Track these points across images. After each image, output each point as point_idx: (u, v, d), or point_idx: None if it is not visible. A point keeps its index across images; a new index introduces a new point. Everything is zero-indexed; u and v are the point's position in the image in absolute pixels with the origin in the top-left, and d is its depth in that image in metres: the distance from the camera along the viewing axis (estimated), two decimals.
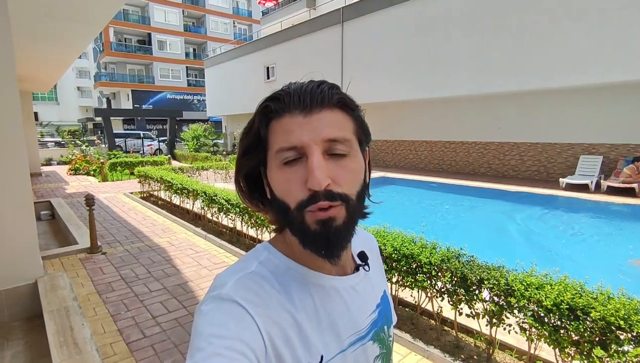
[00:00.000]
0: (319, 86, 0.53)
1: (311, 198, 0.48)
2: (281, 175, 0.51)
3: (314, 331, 0.52)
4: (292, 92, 0.52)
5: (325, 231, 0.49)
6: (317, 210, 0.49)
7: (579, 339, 1.93)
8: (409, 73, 12.05)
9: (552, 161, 10.27)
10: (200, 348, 0.43)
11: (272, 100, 0.53)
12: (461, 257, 2.59)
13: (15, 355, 2.80)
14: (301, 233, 0.51)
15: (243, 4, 39.46)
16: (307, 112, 0.51)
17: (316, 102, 0.51)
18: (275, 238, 0.61)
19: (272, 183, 0.53)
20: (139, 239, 5.41)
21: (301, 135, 0.49)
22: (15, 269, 3.32)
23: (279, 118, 0.52)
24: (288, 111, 0.51)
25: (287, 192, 0.51)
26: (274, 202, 0.53)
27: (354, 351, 0.56)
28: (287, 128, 0.50)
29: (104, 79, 32.60)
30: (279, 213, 0.54)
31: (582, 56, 8.43)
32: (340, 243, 0.51)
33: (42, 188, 9.98)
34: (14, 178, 3.26)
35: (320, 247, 0.50)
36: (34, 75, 9.26)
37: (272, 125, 0.53)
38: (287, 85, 0.54)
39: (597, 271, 4.77)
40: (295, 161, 0.50)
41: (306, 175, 0.48)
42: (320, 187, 0.47)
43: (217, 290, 0.50)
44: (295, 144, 0.49)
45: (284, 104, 0.52)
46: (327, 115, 0.51)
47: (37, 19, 4.79)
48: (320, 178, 0.47)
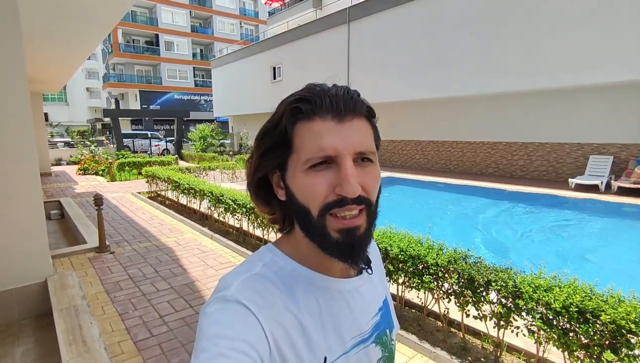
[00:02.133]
0: (349, 92, 0.52)
1: (338, 202, 0.49)
2: (307, 180, 0.50)
3: (318, 333, 0.52)
4: (323, 95, 0.51)
5: (350, 239, 0.51)
6: (342, 217, 0.50)
7: (589, 342, 1.90)
8: (415, 72, 11.99)
9: (561, 161, 10.14)
10: (205, 349, 0.43)
11: (302, 101, 0.51)
12: (468, 258, 2.57)
13: (26, 352, 2.84)
14: (322, 239, 0.52)
15: (250, 5, 39.61)
16: (340, 118, 0.50)
17: (349, 109, 0.51)
18: (279, 240, 0.61)
19: (293, 187, 0.52)
20: (146, 239, 5.46)
21: (334, 142, 0.49)
22: (25, 268, 3.37)
23: (308, 121, 0.51)
24: (319, 115, 0.50)
25: (311, 197, 0.50)
26: (294, 205, 0.53)
27: (356, 353, 0.56)
28: (318, 132, 0.50)
29: (113, 80, 32.97)
30: (298, 216, 0.54)
31: (592, 55, 8.31)
32: (364, 249, 0.53)
33: (51, 188, 10.12)
34: (25, 178, 3.31)
35: (346, 255, 0.51)
36: (44, 76, 9.40)
37: (299, 126, 0.51)
38: (310, 86, 0.53)
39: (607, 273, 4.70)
40: (322, 166, 0.50)
41: (335, 181, 0.49)
42: (355, 194, 0.48)
43: (222, 292, 0.50)
44: (328, 153, 0.49)
45: (315, 107, 0.51)
46: (357, 123, 0.52)
47: (47, 20, 4.86)
48: (355, 185, 0.48)
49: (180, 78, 34.84)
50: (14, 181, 3.24)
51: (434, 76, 11.48)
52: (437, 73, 11.38)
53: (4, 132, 3.15)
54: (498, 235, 6.48)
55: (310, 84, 0.54)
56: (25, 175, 3.31)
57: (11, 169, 3.22)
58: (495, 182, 10.15)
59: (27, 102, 3.28)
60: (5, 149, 3.17)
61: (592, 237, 6.30)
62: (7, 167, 3.19)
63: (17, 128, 3.21)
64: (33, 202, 3.39)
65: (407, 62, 12.24)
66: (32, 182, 3.37)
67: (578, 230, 6.61)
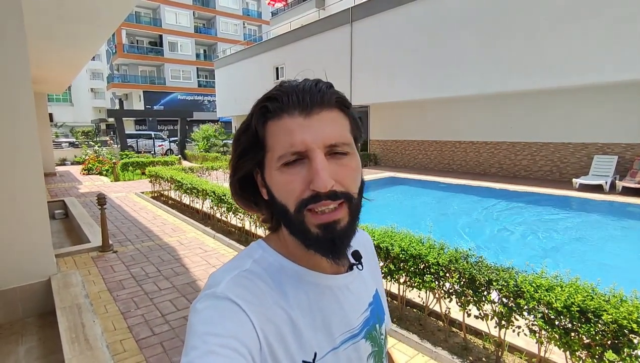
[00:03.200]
0: (317, 85, 0.52)
1: (312, 198, 0.49)
2: (281, 177, 0.50)
3: (308, 329, 0.52)
4: (290, 92, 0.51)
5: (330, 234, 0.50)
6: (320, 212, 0.49)
7: (590, 342, 1.89)
8: (418, 72, 11.97)
9: (565, 161, 10.09)
10: (195, 346, 0.43)
11: (269, 100, 0.52)
12: (469, 258, 2.56)
13: (29, 350, 2.86)
14: (302, 236, 0.51)
15: (253, 5, 39.70)
16: (307, 112, 0.50)
17: (316, 102, 0.50)
18: (269, 236, 0.61)
19: (271, 185, 0.53)
20: (149, 238, 5.48)
21: (303, 137, 0.49)
22: (29, 266, 3.40)
23: (277, 119, 0.51)
24: (287, 111, 0.50)
25: (287, 194, 0.50)
26: (274, 203, 0.53)
27: (346, 349, 0.56)
28: (288, 129, 0.50)
29: (117, 81, 33.17)
30: (278, 214, 0.54)
31: (596, 54, 8.25)
32: (346, 244, 0.52)
33: (56, 187, 10.19)
34: (29, 178, 3.33)
35: (327, 250, 0.51)
36: (48, 76, 9.47)
37: (269, 125, 0.52)
38: (280, 84, 0.53)
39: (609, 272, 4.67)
40: (295, 162, 0.50)
41: (308, 177, 0.48)
42: (326, 188, 0.47)
43: (211, 289, 0.50)
44: (298, 148, 0.49)
45: (282, 104, 0.50)
46: (327, 115, 0.51)
47: (51, 20, 4.90)
48: (326, 180, 0.47)
49: (183, 78, 34.99)
50: (19, 181, 3.27)
51: (437, 76, 11.45)
52: (440, 73, 11.35)
53: (8, 133, 3.17)
54: (500, 234, 6.45)
55: (282, 81, 0.54)
56: (30, 175, 3.34)
57: (16, 168, 3.24)
58: (498, 182, 10.11)
59: (31, 102, 3.31)
60: (10, 149, 3.19)
61: (596, 237, 6.26)
62: (11, 167, 3.22)
63: (21, 128, 3.24)
64: (37, 201, 3.42)
65: (409, 62, 12.22)
66: (36, 181, 3.40)
67: (581, 230, 6.57)
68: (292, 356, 0.49)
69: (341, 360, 0.55)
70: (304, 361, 0.51)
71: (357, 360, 0.58)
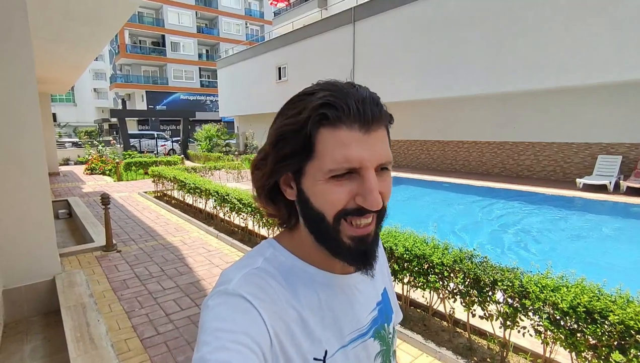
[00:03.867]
0: (373, 98, 0.50)
1: (357, 210, 0.50)
2: (326, 188, 0.49)
3: (318, 327, 0.53)
4: (349, 101, 0.48)
5: (362, 247, 0.51)
6: (357, 225, 0.50)
7: (597, 343, 1.88)
8: (421, 72, 11.94)
9: (568, 161, 10.04)
10: (207, 342, 0.43)
11: (327, 107, 0.48)
12: (474, 258, 2.55)
13: (34, 349, 2.87)
14: (333, 245, 0.52)
15: (255, 5, 39.73)
16: (367, 128, 0.49)
17: (375, 118, 0.49)
18: (281, 235, 0.61)
19: (310, 192, 0.51)
20: (152, 238, 5.50)
21: (360, 154, 0.48)
22: (34, 266, 3.41)
23: (333, 128, 0.48)
24: (345, 123, 0.48)
25: (329, 205, 0.50)
26: (307, 209, 0.52)
27: (354, 347, 0.57)
28: (344, 143, 0.48)
29: (119, 81, 33.27)
30: (309, 221, 0.53)
31: (602, 53, 8.21)
32: (374, 254, 0.54)
33: (59, 187, 10.23)
34: (34, 178, 3.35)
35: (359, 261, 0.52)
36: (52, 77, 9.51)
37: (323, 132, 0.49)
38: (334, 87, 0.50)
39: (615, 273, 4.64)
40: (344, 176, 0.49)
41: (355, 191, 0.49)
42: (378, 206, 0.49)
43: (223, 286, 0.51)
44: (353, 164, 0.48)
45: (341, 113, 0.48)
46: (380, 133, 0.51)
47: (55, 21, 4.92)
48: (379, 200, 0.48)
49: (186, 78, 35.05)
50: (23, 181, 3.29)
51: (440, 76, 11.42)
52: (443, 73, 11.32)
53: (14, 133, 3.19)
54: (504, 235, 6.43)
55: (326, 83, 0.51)
56: (35, 175, 3.35)
57: (20, 168, 3.26)
58: (501, 182, 10.08)
59: (36, 102, 3.32)
60: (15, 149, 3.21)
61: (600, 237, 6.23)
62: (16, 167, 3.23)
63: (26, 128, 3.25)
64: (42, 201, 3.43)
65: (412, 62, 12.19)
66: (40, 181, 3.41)
67: (585, 230, 6.54)
68: (303, 354, 0.50)
69: (350, 359, 0.56)
70: (315, 358, 0.51)
71: (365, 358, 0.59)
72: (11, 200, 3.24)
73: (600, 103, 9.31)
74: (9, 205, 3.23)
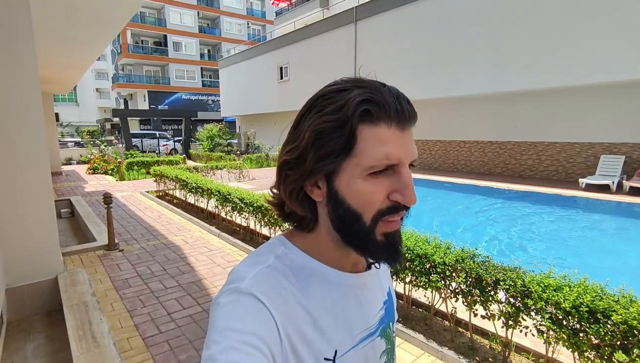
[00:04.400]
0: (405, 97, 0.52)
1: (393, 208, 0.50)
2: (365, 186, 0.49)
3: (330, 327, 0.53)
4: (388, 99, 0.49)
5: (394, 241, 0.52)
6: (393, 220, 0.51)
7: (599, 343, 1.88)
8: (423, 71, 11.93)
9: (571, 161, 10.01)
10: (217, 341, 0.43)
11: (369, 103, 0.48)
12: (476, 258, 2.55)
13: (37, 347, 2.88)
14: (366, 244, 0.52)
15: (257, 5, 39.75)
16: (403, 126, 0.50)
17: (411, 116, 0.51)
18: (292, 232, 0.60)
19: (346, 191, 0.50)
20: (154, 237, 5.51)
21: (398, 151, 0.49)
22: (37, 265, 3.43)
23: (373, 125, 0.48)
24: (385, 120, 0.48)
25: (367, 203, 0.49)
26: (340, 209, 0.50)
27: (364, 347, 0.57)
28: (383, 140, 0.48)
29: (122, 80, 33.35)
30: (342, 221, 0.51)
31: (604, 53, 8.18)
32: (402, 248, 0.55)
33: (62, 186, 10.27)
34: (36, 177, 3.36)
35: (392, 257, 0.52)
36: (55, 76, 9.54)
37: (362, 129, 0.48)
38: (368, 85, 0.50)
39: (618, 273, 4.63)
40: (382, 173, 0.49)
41: (391, 188, 0.50)
42: (415, 202, 0.50)
43: (235, 283, 0.50)
44: (392, 161, 0.49)
45: (382, 111, 0.48)
46: (412, 131, 0.53)
47: (58, 21, 4.93)
48: (415, 195, 0.50)
49: (188, 78, 35.10)
50: (26, 180, 3.30)
51: (442, 75, 11.41)
52: (445, 72, 11.31)
53: (16, 132, 3.20)
54: (506, 235, 6.42)
55: (356, 79, 0.52)
56: (38, 174, 3.37)
57: (23, 168, 3.27)
58: (503, 181, 10.05)
59: (39, 102, 3.33)
60: (18, 148, 3.22)
61: (603, 237, 6.21)
62: (19, 166, 3.25)
63: (29, 128, 3.26)
64: (44, 200, 3.44)
65: (414, 62, 12.18)
66: (43, 180, 3.42)
67: (588, 230, 6.51)
68: (314, 353, 0.50)
69: (359, 358, 0.56)
70: (325, 358, 0.51)
71: (372, 357, 0.59)
72: (14, 199, 3.25)
73: (604, 103, 9.28)
74: (12, 204, 3.25)
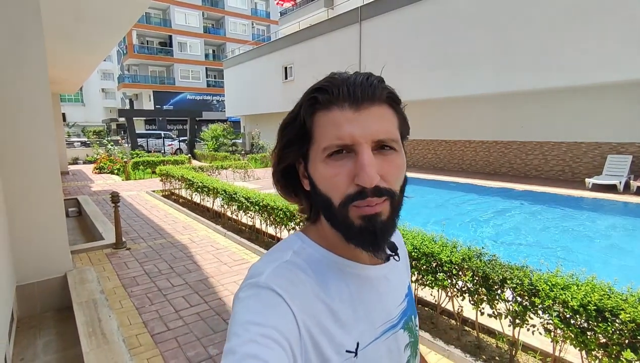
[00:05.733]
0: (368, 79, 0.51)
1: (359, 193, 0.49)
2: (326, 170, 0.50)
3: (350, 319, 0.53)
4: (340, 84, 0.50)
5: (372, 226, 0.50)
6: (365, 206, 0.49)
7: (607, 342, 1.87)
8: (428, 71, 11.90)
9: (577, 161, 9.94)
10: (237, 334, 0.44)
11: (319, 91, 0.51)
12: (483, 256, 2.55)
13: (47, 343, 2.93)
14: (345, 228, 0.51)
15: (261, 5, 39.82)
16: (357, 106, 0.49)
17: (366, 96, 0.50)
18: (307, 227, 0.61)
19: (315, 177, 0.53)
20: (161, 236, 5.55)
21: (351, 130, 0.48)
22: (47, 263, 3.48)
23: (326, 110, 0.51)
24: (336, 104, 0.50)
25: (332, 187, 0.50)
26: (317, 195, 0.53)
27: (386, 339, 0.57)
28: (336, 122, 0.49)
29: (127, 81, 33.57)
30: (320, 207, 0.54)
31: (611, 51, 8.11)
32: (386, 237, 0.52)
33: (69, 186, 10.37)
34: (47, 176, 3.41)
35: (367, 242, 0.51)
36: (62, 77, 9.63)
37: (317, 117, 0.51)
38: (331, 75, 0.53)
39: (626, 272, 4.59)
40: (342, 155, 0.49)
41: (354, 170, 0.48)
42: (372, 184, 0.47)
43: (254, 278, 0.51)
44: (345, 141, 0.48)
45: (332, 96, 0.50)
46: (377, 110, 0.50)
47: (67, 23, 4.99)
48: (372, 175, 0.47)
49: (193, 78, 35.27)
50: (37, 179, 3.35)
51: (446, 75, 11.37)
52: (449, 72, 11.27)
53: (28, 132, 3.25)
54: (512, 234, 6.39)
55: (331, 73, 0.53)
56: (47, 174, 3.42)
57: (34, 167, 3.32)
58: (509, 181, 10.01)
59: (49, 102, 3.38)
60: (29, 148, 3.27)
61: (610, 237, 6.16)
62: (30, 166, 3.30)
63: (39, 128, 3.31)
64: (54, 199, 3.49)
65: (419, 61, 12.15)
66: (53, 180, 3.47)
67: (595, 230, 6.47)
68: (335, 346, 0.50)
69: (382, 350, 0.56)
70: (347, 351, 0.51)
71: (396, 350, 0.59)
72: (25, 198, 3.30)
73: (611, 102, 9.20)
74: (23, 204, 3.30)
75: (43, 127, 3.34)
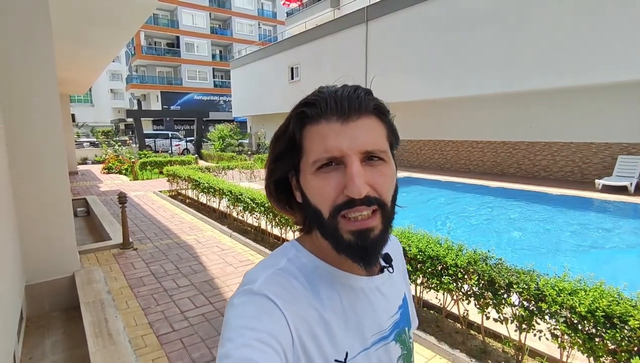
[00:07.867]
0: (355, 91, 0.52)
1: (347, 203, 0.49)
2: (315, 182, 0.51)
3: (341, 329, 0.53)
4: (328, 97, 0.51)
5: (363, 242, 0.50)
6: (354, 219, 0.49)
7: (616, 348, 1.84)
8: (434, 71, 11.82)
9: (587, 161, 9.80)
10: (232, 339, 0.45)
11: (307, 105, 0.52)
12: (488, 260, 2.52)
13: (55, 343, 2.96)
14: (335, 241, 0.52)
15: (268, 6, 39.93)
16: (344, 119, 0.50)
17: (354, 109, 0.51)
18: (302, 237, 0.62)
19: (305, 189, 0.54)
20: (167, 236, 5.59)
21: (339, 143, 0.49)
22: (54, 263, 3.52)
23: (315, 124, 0.52)
24: (324, 117, 0.51)
25: (321, 198, 0.51)
26: (308, 207, 0.54)
27: (376, 350, 0.57)
28: (324, 134, 0.50)
29: (135, 81, 33.90)
30: (312, 218, 0.55)
31: (622, 51, 7.98)
32: (378, 252, 0.53)
33: (78, 186, 10.49)
34: (55, 176, 3.45)
35: (358, 256, 0.51)
36: (71, 78, 9.76)
37: (306, 130, 0.53)
38: (319, 90, 0.54)
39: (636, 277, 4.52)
40: (331, 167, 0.50)
41: (343, 182, 0.49)
42: (361, 195, 0.48)
43: (248, 285, 0.52)
44: (333, 154, 0.49)
45: (320, 110, 0.51)
46: (364, 122, 0.51)
47: (76, 24, 5.06)
48: (360, 186, 0.48)
49: (200, 79, 35.50)
50: (45, 179, 3.39)
51: (454, 75, 11.29)
52: (457, 72, 11.19)
53: (36, 133, 3.29)
54: (519, 236, 6.32)
55: (320, 86, 0.55)
56: (56, 174, 3.46)
57: (43, 168, 3.36)
58: (517, 182, 9.90)
59: (57, 103, 3.42)
60: (37, 149, 3.31)
61: (620, 240, 6.06)
62: (39, 166, 3.34)
63: (47, 129, 3.36)
64: (62, 199, 3.53)
65: (426, 61, 12.08)
66: (61, 180, 3.52)
67: (605, 232, 6.37)
68: (325, 355, 0.51)
69: (372, 361, 0.56)
70: (336, 360, 0.51)
71: (387, 361, 0.59)
72: (34, 199, 3.35)
73: (621, 102, 9.05)
74: (32, 204, 3.34)
75: (52, 129, 3.38)
